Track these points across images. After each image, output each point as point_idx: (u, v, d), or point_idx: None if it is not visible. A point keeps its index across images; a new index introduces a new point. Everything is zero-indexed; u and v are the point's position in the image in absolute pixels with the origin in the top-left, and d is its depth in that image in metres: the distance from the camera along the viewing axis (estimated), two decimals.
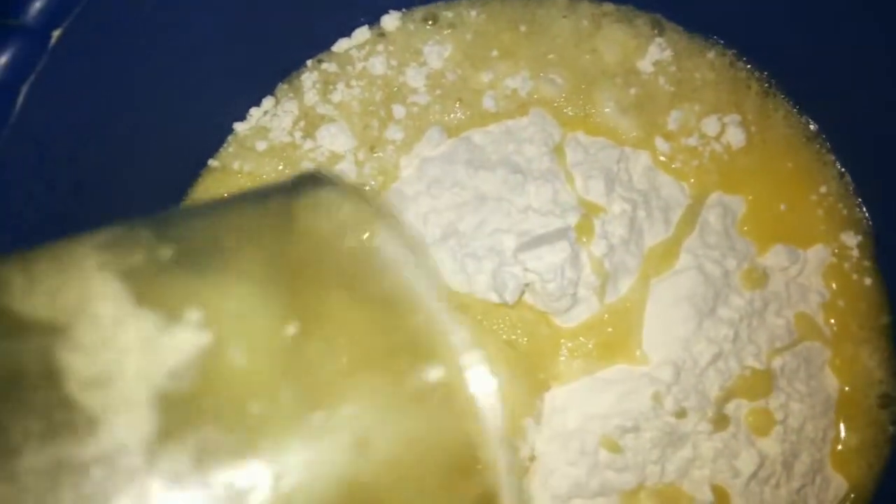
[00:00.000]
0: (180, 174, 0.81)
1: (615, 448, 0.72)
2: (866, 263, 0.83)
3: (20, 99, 0.60)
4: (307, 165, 0.81)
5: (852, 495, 0.79)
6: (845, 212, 0.83)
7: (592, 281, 0.76)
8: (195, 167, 0.82)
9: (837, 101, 0.81)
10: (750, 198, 0.83)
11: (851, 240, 0.83)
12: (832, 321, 0.81)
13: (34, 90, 0.61)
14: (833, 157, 0.83)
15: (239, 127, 0.83)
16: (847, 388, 0.81)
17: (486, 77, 0.84)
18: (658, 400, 0.73)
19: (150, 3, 0.68)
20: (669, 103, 0.84)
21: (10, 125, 0.60)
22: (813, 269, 0.82)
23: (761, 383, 0.77)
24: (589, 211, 0.78)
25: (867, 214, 0.83)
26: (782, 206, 0.83)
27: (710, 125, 0.83)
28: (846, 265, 0.83)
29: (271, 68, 0.84)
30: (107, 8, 0.64)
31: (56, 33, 0.61)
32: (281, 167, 0.81)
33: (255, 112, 0.84)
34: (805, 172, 0.83)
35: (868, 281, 0.83)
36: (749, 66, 0.85)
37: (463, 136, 0.83)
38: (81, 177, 0.69)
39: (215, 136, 0.83)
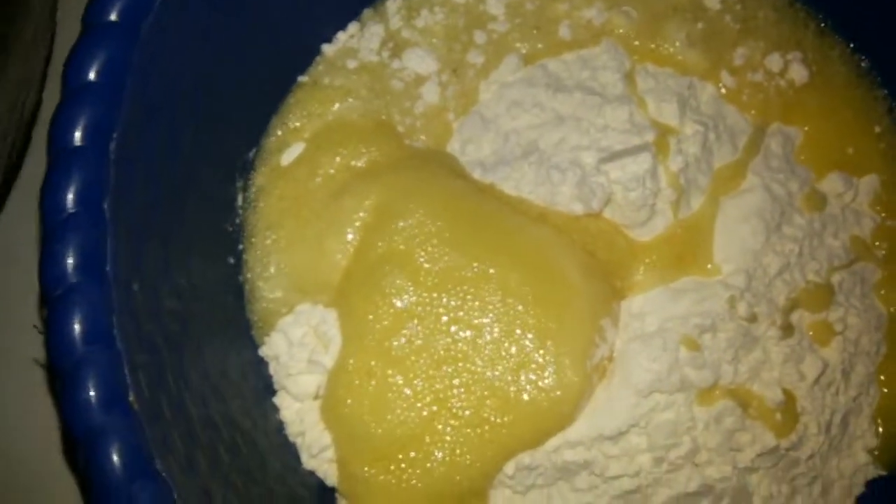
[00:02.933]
0: (274, 87, 0.85)
1: (694, 346, 0.76)
2: None
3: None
4: (396, 84, 0.85)
5: None
6: None
7: (669, 194, 0.80)
8: (287, 83, 0.85)
9: (888, 38, 0.87)
10: (806, 128, 0.88)
11: None
12: (882, 245, 0.86)
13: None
14: (885, 92, 0.89)
15: (327, 48, 0.87)
16: (893, 310, 0.86)
17: (562, 7, 0.88)
18: (732, 304, 0.78)
19: None
20: (735, 39, 0.89)
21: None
22: (865, 196, 0.87)
23: (822, 296, 0.82)
24: (664, 131, 0.82)
25: None
26: (837, 138, 0.88)
27: (774, 62, 0.88)
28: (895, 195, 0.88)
29: None
30: None
31: None
32: (370, 83, 0.85)
33: (341, 35, 0.88)
34: (859, 107, 0.89)
35: None
36: (806, 5, 0.90)
37: (538, 64, 0.88)
38: (195, 86, 0.72)
39: (305, 56, 0.86)
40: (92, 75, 0.60)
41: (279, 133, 0.85)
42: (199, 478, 0.61)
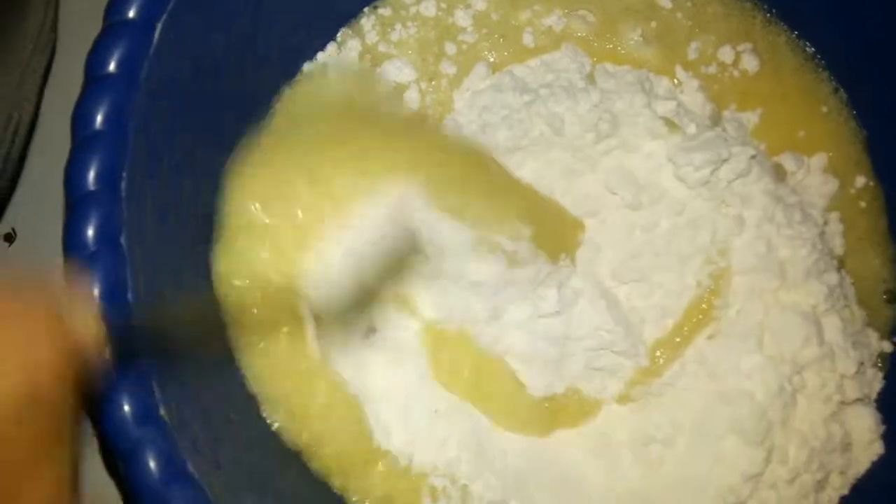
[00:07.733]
0: (261, 109, 0.91)
1: None
2: (864, 168, 0.95)
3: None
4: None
5: None
6: (842, 123, 0.95)
7: None
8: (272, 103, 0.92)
9: (829, 23, 0.93)
10: (759, 113, 0.95)
11: (849, 149, 0.95)
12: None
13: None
14: (829, 74, 0.95)
15: (308, 67, 0.94)
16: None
17: (525, 15, 0.95)
18: None
19: None
20: (688, 35, 0.95)
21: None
22: (816, 173, 0.94)
23: None
24: None
25: (862, 125, 0.95)
26: (788, 120, 0.95)
27: (726, 54, 0.95)
28: (846, 170, 0.95)
29: (334, 16, 0.95)
30: None
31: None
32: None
33: (321, 56, 0.94)
34: (807, 89, 0.96)
35: (862, 180, 0.95)
36: None
37: (506, 70, 0.94)
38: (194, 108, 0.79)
39: (289, 78, 0.93)
40: (98, 124, 0.67)
41: None
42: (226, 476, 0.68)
